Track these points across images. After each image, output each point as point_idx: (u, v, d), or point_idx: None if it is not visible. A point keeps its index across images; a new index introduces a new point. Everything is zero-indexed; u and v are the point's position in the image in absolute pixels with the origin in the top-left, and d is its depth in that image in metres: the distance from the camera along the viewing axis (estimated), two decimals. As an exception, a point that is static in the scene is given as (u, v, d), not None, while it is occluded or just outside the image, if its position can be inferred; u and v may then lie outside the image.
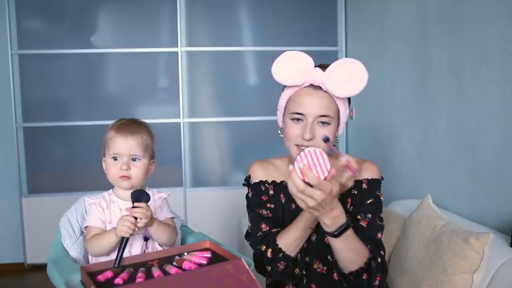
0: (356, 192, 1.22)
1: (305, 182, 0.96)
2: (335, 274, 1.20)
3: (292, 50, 1.18)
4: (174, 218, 1.34)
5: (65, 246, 1.25)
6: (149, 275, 1.01)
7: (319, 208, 0.99)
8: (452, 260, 1.39)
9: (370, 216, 1.18)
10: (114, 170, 1.20)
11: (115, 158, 1.20)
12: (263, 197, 1.28)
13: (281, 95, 1.23)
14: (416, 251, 1.57)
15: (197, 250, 1.15)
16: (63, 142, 3.21)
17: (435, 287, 1.42)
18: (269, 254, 1.17)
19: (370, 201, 1.20)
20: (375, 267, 1.10)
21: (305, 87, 1.17)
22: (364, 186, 1.22)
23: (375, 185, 1.23)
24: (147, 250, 1.22)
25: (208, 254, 1.11)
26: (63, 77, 3.19)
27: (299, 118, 1.16)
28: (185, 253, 1.12)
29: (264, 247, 1.19)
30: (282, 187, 1.30)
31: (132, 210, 1.11)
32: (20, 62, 3.11)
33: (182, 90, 3.22)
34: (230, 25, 3.27)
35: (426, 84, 2.16)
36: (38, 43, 3.11)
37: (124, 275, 1.00)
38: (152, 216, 1.16)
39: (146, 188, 1.27)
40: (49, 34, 3.14)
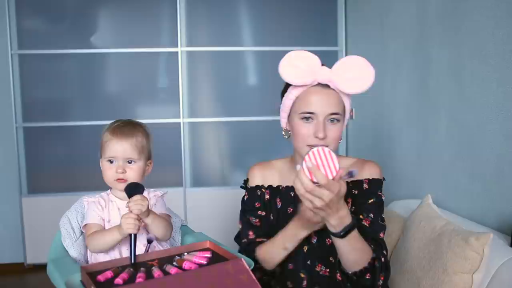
0: (357, 192, 1.22)
1: (313, 182, 0.95)
2: (338, 275, 1.20)
3: (297, 50, 1.16)
4: (175, 218, 1.34)
5: (65, 246, 1.25)
6: (149, 275, 1.01)
7: (326, 209, 0.98)
8: (452, 260, 1.39)
9: (372, 216, 1.18)
10: (110, 173, 1.21)
11: (111, 161, 1.21)
12: (257, 204, 1.29)
13: (286, 96, 1.20)
14: (416, 251, 1.57)
15: (197, 250, 1.15)
16: (63, 142, 3.21)
17: (435, 287, 1.42)
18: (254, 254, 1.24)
19: (372, 201, 1.20)
20: (379, 267, 1.10)
21: (313, 86, 1.16)
22: (365, 186, 1.22)
23: (377, 185, 1.23)
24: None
25: (208, 254, 1.11)
26: (63, 77, 3.19)
27: (309, 117, 1.15)
28: (185, 253, 1.12)
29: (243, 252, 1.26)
30: (279, 191, 1.29)
31: (129, 206, 1.11)
32: (20, 62, 3.11)
33: (182, 90, 3.22)
34: (230, 25, 3.27)
35: (426, 84, 2.16)
36: (38, 43, 3.11)
37: (124, 275, 1.00)
38: (148, 208, 1.16)
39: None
40: (49, 34, 3.14)
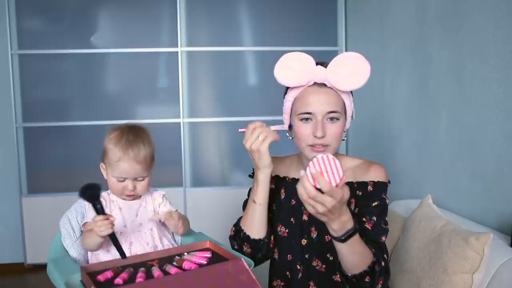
0: (361, 194, 1.22)
1: (316, 188, 0.95)
2: (337, 276, 1.21)
3: (291, 52, 1.17)
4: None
5: (65, 246, 1.26)
6: (149, 275, 1.01)
7: (328, 214, 0.98)
8: (452, 260, 1.39)
9: (375, 219, 1.18)
10: (119, 189, 1.21)
11: (120, 180, 1.20)
12: None
13: (286, 98, 1.22)
14: (416, 251, 1.57)
15: (197, 250, 1.15)
16: (63, 142, 3.20)
17: (435, 287, 1.42)
18: (231, 232, 1.31)
19: (376, 204, 1.20)
20: (378, 271, 1.10)
21: (310, 86, 1.17)
22: (370, 188, 1.22)
23: (381, 188, 1.22)
24: (155, 241, 1.23)
25: (208, 254, 1.11)
26: (63, 77, 3.19)
27: (308, 118, 1.16)
28: (185, 253, 1.12)
29: (233, 227, 1.32)
30: (285, 182, 1.32)
31: (94, 230, 1.07)
32: (20, 62, 3.11)
33: (182, 90, 3.22)
34: (230, 25, 3.27)
35: (426, 84, 2.16)
36: (38, 43, 3.10)
37: (124, 275, 1.00)
38: (183, 224, 1.20)
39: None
40: (49, 34, 3.14)
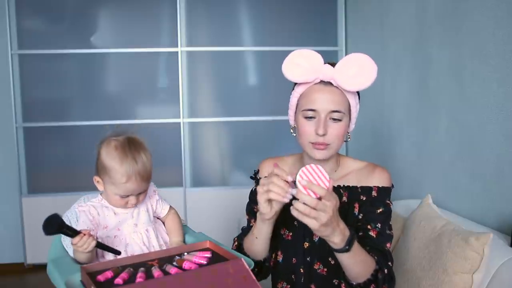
0: (365, 199, 1.21)
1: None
2: (337, 278, 1.21)
3: (292, 51, 1.17)
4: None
5: (65, 246, 1.25)
6: (149, 275, 1.01)
7: (330, 224, 0.97)
8: (452, 260, 1.39)
9: (380, 226, 1.18)
10: (121, 204, 1.20)
11: (124, 196, 1.18)
12: None
13: (292, 93, 1.23)
14: (416, 251, 1.57)
15: (197, 250, 1.14)
16: (63, 142, 3.20)
17: (435, 287, 1.42)
18: (234, 247, 1.30)
19: (380, 211, 1.19)
20: (382, 279, 1.11)
21: (316, 84, 1.17)
22: (374, 194, 1.21)
23: (385, 194, 1.22)
24: (150, 240, 1.23)
25: (208, 254, 1.11)
26: (63, 77, 3.19)
27: (312, 116, 1.16)
28: (185, 253, 1.12)
29: (236, 239, 1.31)
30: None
31: (75, 245, 1.07)
32: (20, 62, 3.11)
33: (182, 90, 3.22)
34: (230, 25, 3.27)
35: (426, 84, 2.16)
36: (38, 43, 3.10)
37: (124, 275, 1.00)
38: (181, 240, 1.22)
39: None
40: (49, 34, 3.14)
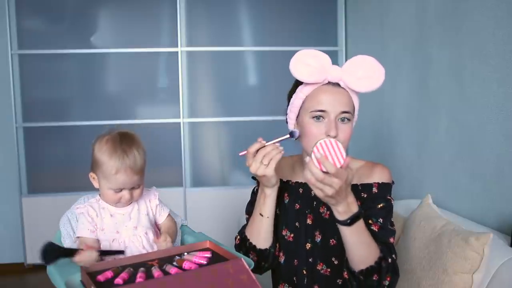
0: (366, 196, 1.22)
1: (323, 172, 0.99)
2: (341, 278, 1.21)
3: (305, 49, 1.15)
4: (175, 218, 1.34)
5: (65, 246, 1.25)
6: (149, 275, 1.01)
7: (336, 196, 1.01)
8: (452, 260, 1.39)
9: (382, 221, 1.18)
10: (115, 198, 1.18)
11: (117, 191, 1.17)
12: None
13: (295, 95, 1.19)
14: (416, 251, 1.57)
15: (197, 250, 1.14)
16: (63, 142, 3.20)
17: (435, 287, 1.42)
18: (237, 241, 1.31)
19: (381, 206, 1.19)
20: (385, 267, 1.10)
21: (324, 85, 1.15)
22: (375, 190, 1.21)
23: (386, 189, 1.22)
24: (148, 245, 1.22)
25: (208, 254, 1.11)
26: (63, 77, 3.19)
27: (321, 116, 1.15)
28: (185, 253, 1.12)
29: (237, 235, 1.32)
30: (288, 186, 1.31)
31: (78, 263, 1.06)
32: (20, 62, 3.11)
33: (182, 90, 3.22)
34: (230, 25, 3.27)
35: (426, 84, 2.16)
36: (38, 43, 3.10)
37: (124, 275, 1.00)
38: (171, 238, 1.18)
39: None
40: (49, 34, 3.14)
